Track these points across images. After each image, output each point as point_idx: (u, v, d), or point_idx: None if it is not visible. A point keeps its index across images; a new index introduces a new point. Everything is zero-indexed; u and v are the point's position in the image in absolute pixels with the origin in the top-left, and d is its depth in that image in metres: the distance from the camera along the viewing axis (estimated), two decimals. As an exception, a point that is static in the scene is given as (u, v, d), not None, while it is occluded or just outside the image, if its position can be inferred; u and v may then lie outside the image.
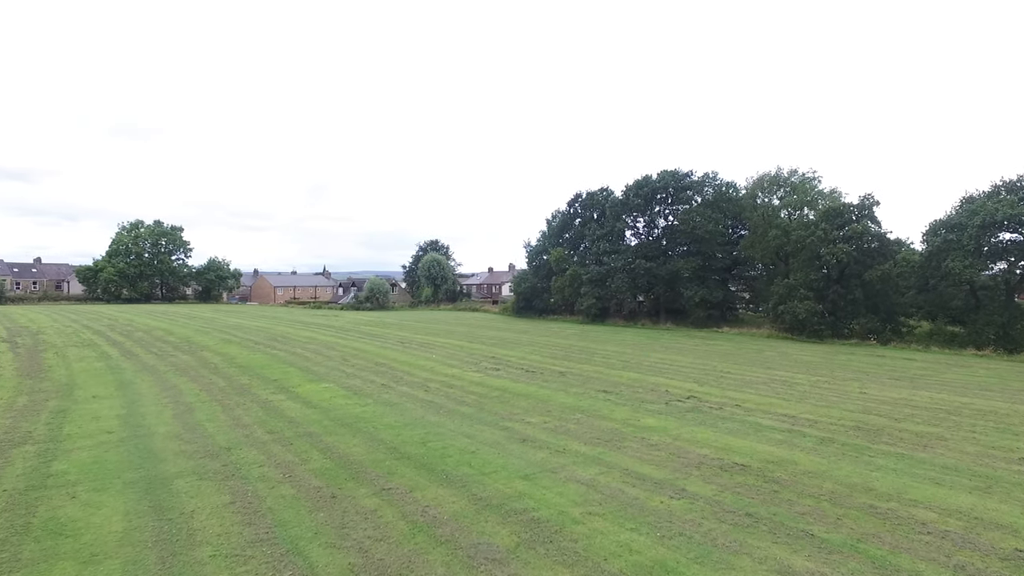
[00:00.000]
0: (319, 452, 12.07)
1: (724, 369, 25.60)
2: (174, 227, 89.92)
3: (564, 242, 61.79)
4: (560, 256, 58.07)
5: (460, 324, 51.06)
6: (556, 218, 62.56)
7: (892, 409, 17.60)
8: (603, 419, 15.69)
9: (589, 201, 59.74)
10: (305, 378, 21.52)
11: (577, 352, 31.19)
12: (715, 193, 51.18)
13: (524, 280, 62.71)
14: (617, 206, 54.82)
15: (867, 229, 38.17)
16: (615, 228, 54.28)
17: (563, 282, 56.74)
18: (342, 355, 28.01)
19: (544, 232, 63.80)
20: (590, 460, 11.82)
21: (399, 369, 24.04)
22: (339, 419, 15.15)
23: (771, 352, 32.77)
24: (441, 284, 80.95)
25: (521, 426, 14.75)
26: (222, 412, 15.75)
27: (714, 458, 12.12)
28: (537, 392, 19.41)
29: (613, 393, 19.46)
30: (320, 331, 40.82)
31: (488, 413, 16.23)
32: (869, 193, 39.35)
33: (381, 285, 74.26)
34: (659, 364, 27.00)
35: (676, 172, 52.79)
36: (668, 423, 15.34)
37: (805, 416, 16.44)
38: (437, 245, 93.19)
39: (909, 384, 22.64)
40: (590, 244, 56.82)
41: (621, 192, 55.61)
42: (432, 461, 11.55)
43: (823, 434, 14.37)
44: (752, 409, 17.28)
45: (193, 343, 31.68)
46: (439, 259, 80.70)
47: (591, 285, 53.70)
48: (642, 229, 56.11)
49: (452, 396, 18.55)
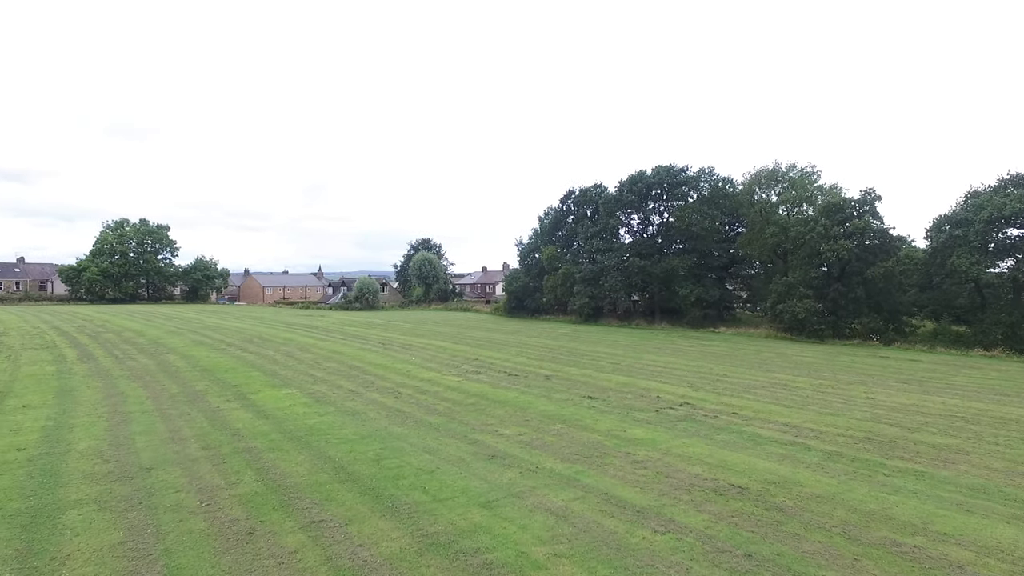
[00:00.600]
0: (253, 473, 10.48)
1: (720, 372, 24.07)
2: (160, 226, 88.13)
3: (557, 240, 60.27)
4: (552, 254, 56.53)
5: (448, 324, 49.48)
6: (548, 215, 61.00)
7: (903, 417, 16.09)
8: (586, 430, 14.14)
9: (582, 198, 58.20)
10: (268, 383, 19.91)
11: (566, 354, 29.63)
12: (711, 189, 49.69)
13: (516, 279, 61.14)
14: (610, 203, 53.29)
15: (869, 225, 36.71)
16: (608, 225, 52.74)
17: (555, 281, 55.19)
18: (316, 357, 26.41)
19: (536, 230, 62.25)
20: (565, 481, 10.27)
21: (373, 373, 22.46)
22: (290, 432, 13.56)
23: (769, 353, 31.26)
24: (432, 284, 79.27)
25: (493, 439, 13.19)
26: (161, 423, 14.15)
27: (707, 478, 10.58)
28: (517, 399, 17.85)
29: (600, 400, 17.91)
30: (301, 332, 39.19)
31: (459, 423, 14.66)
32: (871, 188, 38.00)
33: (371, 285, 72.55)
34: (651, 367, 25.46)
35: (671, 167, 51.29)
36: (658, 434, 13.80)
37: (808, 426, 14.92)
38: (429, 244, 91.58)
39: (918, 388, 21.14)
40: (583, 242, 55.28)
41: (615, 188, 54.12)
42: (381, 484, 9.98)
43: (830, 447, 12.84)
44: (750, 417, 15.75)
45: (161, 345, 30.04)
46: (430, 258, 79.01)
47: (584, 284, 52.17)
48: (636, 226, 54.61)
49: (423, 403, 16.98)
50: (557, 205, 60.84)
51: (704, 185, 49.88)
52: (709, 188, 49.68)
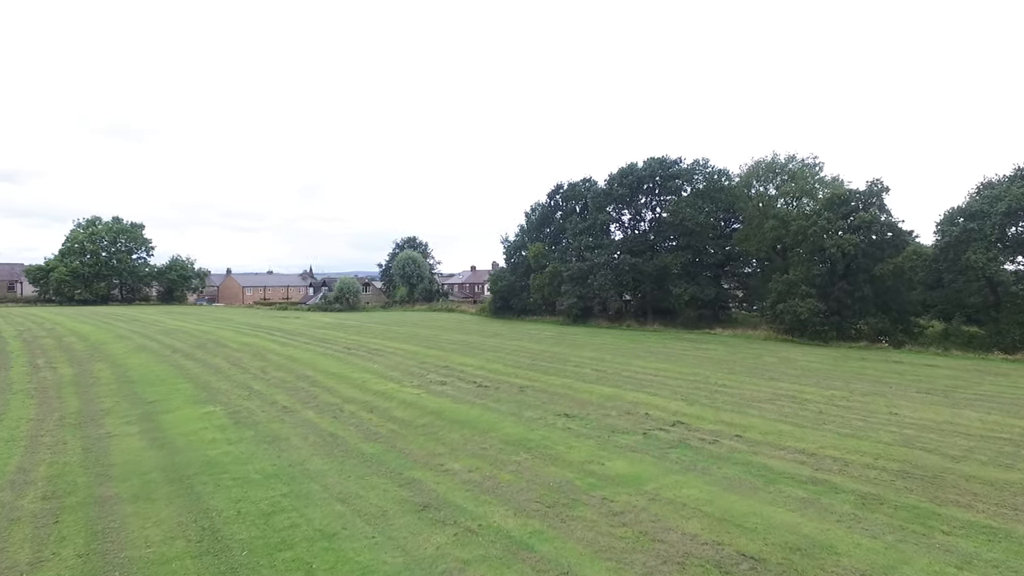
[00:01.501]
0: (82, 541, 7.62)
1: (718, 381, 21.32)
2: (134, 224, 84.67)
3: (544, 237, 57.47)
4: (539, 251, 53.74)
5: (428, 326, 46.60)
6: (536, 211, 58.21)
7: (940, 440, 13.38)
8: (555, 462, 11.35)
9: (571, 192, 55.45)
10: (191, 399, 17.02)
11: (547, 360, 26.84)
12: (706, 182, 47.02)
13: (501, 278, 58.29)
14: (600, 197, 50.54)
15: (876, 218, 34.11)
16: (598, 221, 49.98)
17: (542, 280, 52.40)
18: (265, 366, 23.51)
19: (523, 226, 59.43)
20: (512, 550, 7.47)
21: (321, 385, 19.58)
22: (177, 469, 10.69)
23: (771, 358, 28.56)
24: (417, 283, 76.26)
25: (435, 478, 10.37)
26: (19, 456, 11.26)
27: (708, 541, 7.80)
28: (479, 418, 15.04)
29: (578, 418, 15.12)
30: (264, 335, 36.23)
31: (399, 454, 11.84)
32: (878, 178, 35.36)
33: (351, 284, 69.48)
34: (641, 375, 22.70)
35: (664, 159, 48.61)
36: (644, 468, 11.03)
37: (829, 452, 12.18)
38: (415, 242, 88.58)
39: (944, 399, 18.46)
40: (571, 239, 52.52)
41: (604, 182, 51.37)
42: (251, 558, 7.13)
43: (862, 486, 10.10)
44: (757, 442, 13.00)
45: (98, 351, 27.05)
46: (414, 257, 75.96)
47: (572, 283, 49.40)
48: (627, 222, 51.91)
49: (365, 425, 14.15)
50: (544, 200, 58.13)
51: (698, 178, 47.20)
52: (704, 181, 47.02)
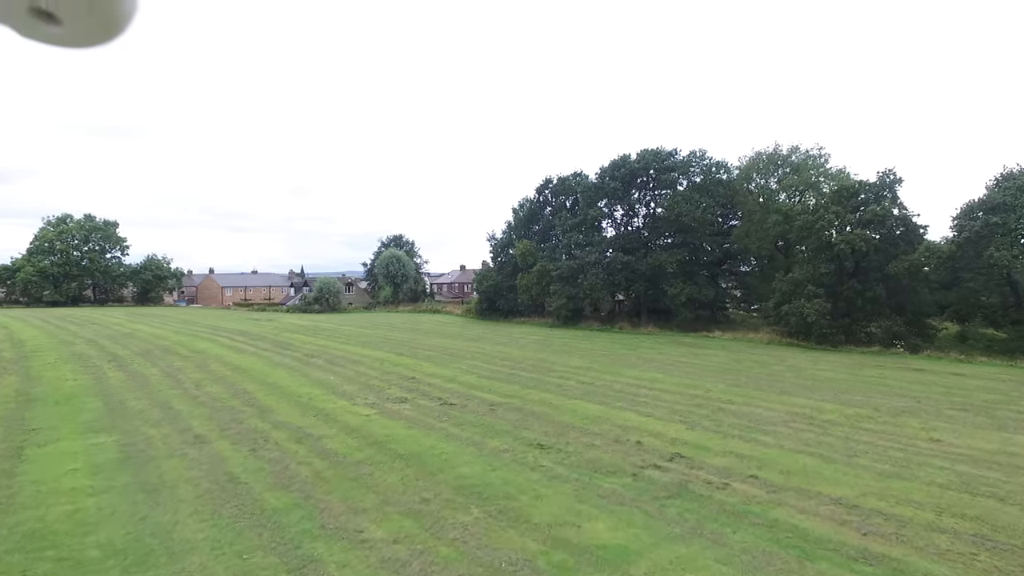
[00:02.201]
0: None
1: (722, 396, 18.51)
2: (108, 221, 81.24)
3: (533, 234, 54.60)
4: (526, 249, 50.82)
5: (406, 329, 43.65)
6: (523, 207, 55.28)
7: (1009, 483, 10.60)
8: (514, 524, 8.49)
9: (560, 187, 52.56)
10: (86, 425, 14.05)
11: (528, 369, 23.98)
12: (703, 175, 44.24)
13: (487, 278, 55.31)
14: (591, 191, 47.68)
15: (888, 212, 31.38)
16: (588, 217, 47.10)
17: (530, 279, 49.51)
18: (203, 378, 20.53)
19: (510, 223, 56.49)
20: None
21: (259, 403, 16.64)
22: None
23: (778, 366, 25.80)
24: (401, 283, 73.10)
25: (342, 555, 7.49)
26: None
27: None
28: (432, 450, 12.15)
29: (554, 450, 12.28)
30: (223, 340, 33.21)
31: (310, 510, 8.94)
32: (890, 168, 32.61)
33: (331, 285, 66.26)
34: (633, 387, 19.88)
35: (658, 151, 45.80)
36: (632, 535, 8.17)
37: (874, 504, 9.39)
38: (401, 241, 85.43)
39: (988, 420, 15.72)
40: (561, 235, 49.62)
41: (595, 175, 48.52)
42: None
43: (935, 567, 7.26)
44: (779, 486, 10.17)
45: (24, 360, 24.01)
46: (398, 255, 72.79)
47: (561, 282, 46.52)
48: (620, 218, 49.07)
49: (285, 463, 11.22)
50: (533, 195, 55.21)
51: (695, 170, 44.41)
52: (701, 174, 44.24)
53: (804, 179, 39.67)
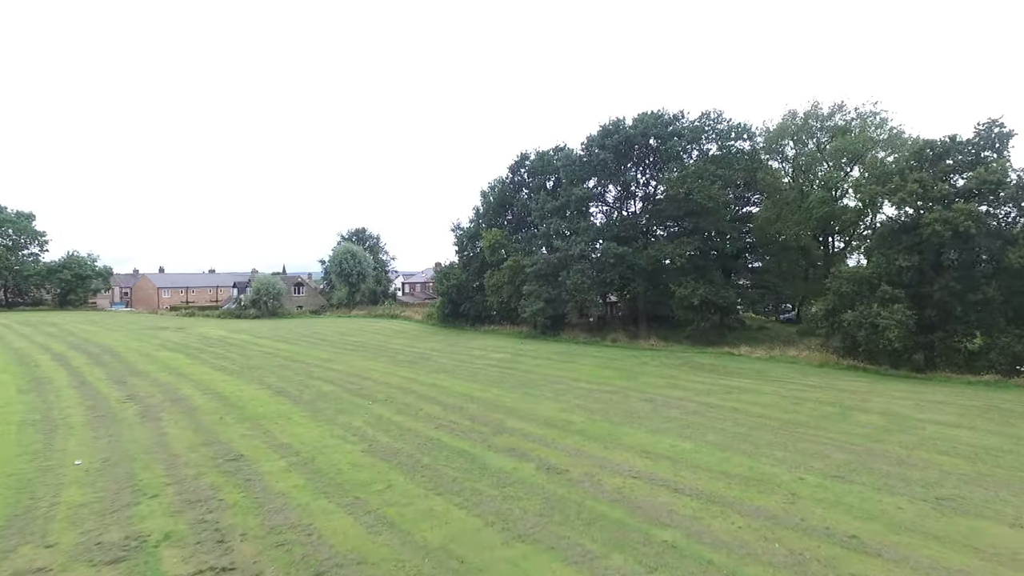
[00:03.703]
0: None
1: (814, 493, 8.42)
2: (21, 213, 69.91)
3: (506, 223, 44.54)
4: (496, 240, 40.77)
5: (332, 343, 33.48)
6: (495, 189, 45.18)
7: None
8: None
9: (539, 164, 42.56)
10: None
11: (464, 430, 13.95)
12: (720, 141, 34.30)
13: (450, 275, 45.12)
14: (575, 167, 37.70)
15: (1003, 177, 21.69)
16: (573, 198, 37.12)
17: (500, 277, 39.52)
18: None
19: (478, 209, 46.37)
20: None
21: None
22: None
23: (871, 415, 15.90)
24: (358, 283, 62.69)
25: None
26: None
27: None
28: None
29: None
30: (55, 363, 22.89)
31: None
32: (994, 119, 22.98)
33: (270, 286, 55.68)
34: (647, 480, 9.86)
35: (660, 115, 35.99)
36: None
37: None
38: (363, 235, 74.90)
39: None
40: (539, 223, 39.62)
41: (581, 146, 38.52)
42: None
43: None
44: None
45: None
46: (354, 251, 62.27)
47: (538, 281, 36.56)
48: (612, 200, 39.24)
49: None
50: (506, 175, 45.11)
51: (709, 136, 34.45)
52: (717, 140, 34.29)
53: (853, 145, 29.92)
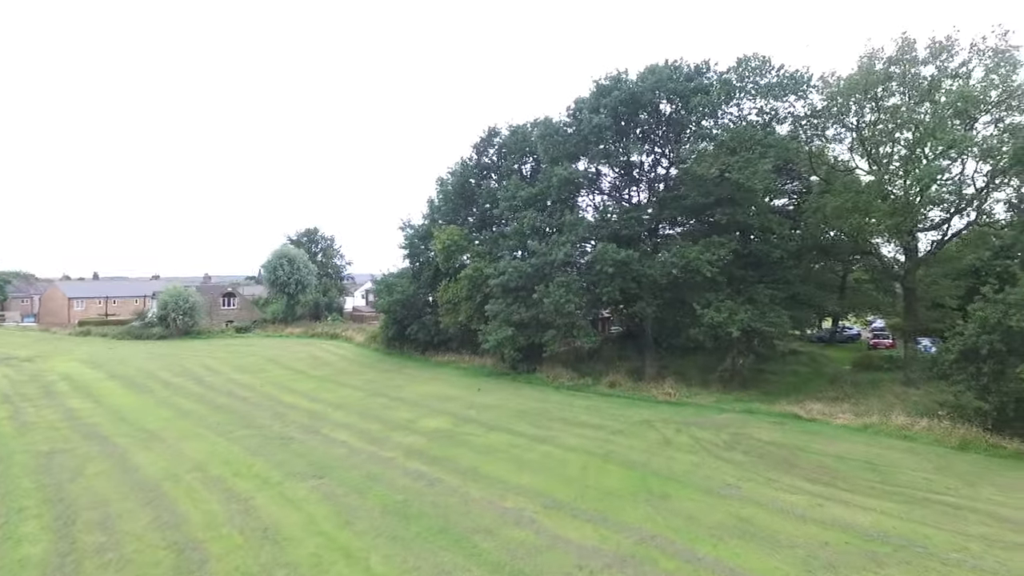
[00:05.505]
0: None
1: None
2: None
3: (471, 221, 33.90)
4: (452, 241, 30.13)
5: (215, 390, 22.70)
6: (455, 175, 34.62)
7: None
8: None
9: (513, 142, 32.21)
10: None
11: None
12: (767, 96, 23.88)
13: (394, 287, 34.33)
14: (559, 140, 27.25)
15: None
16: (555, 181, 26.73)
17: (456, 291, 29.06)
18: None
19: (432, 201, 35.77)
20: None
21: None
22: None
23: None
24: (297, 294, 51.73)
25: None
26: None
27: None
28: None
29: None
30: None
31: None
32: None
33: (181, 298, 44.45)
34: None
35: (676, 66, 25.77)
36: None
37: None
38: (315, 236, 63.69)
39: None
40: (509, 216, 29.14)
41: (567, 114, 28.12)
42: None
43: None
44: None
45: None
46: (292, 256, 51.09)
47: (506, 298, 26.10)
48: (608, 184, 28.86)
49: None
50: (470, 157, 34.54)
51: (749, 91, 24.04)
52: (763, 95, 23.85)
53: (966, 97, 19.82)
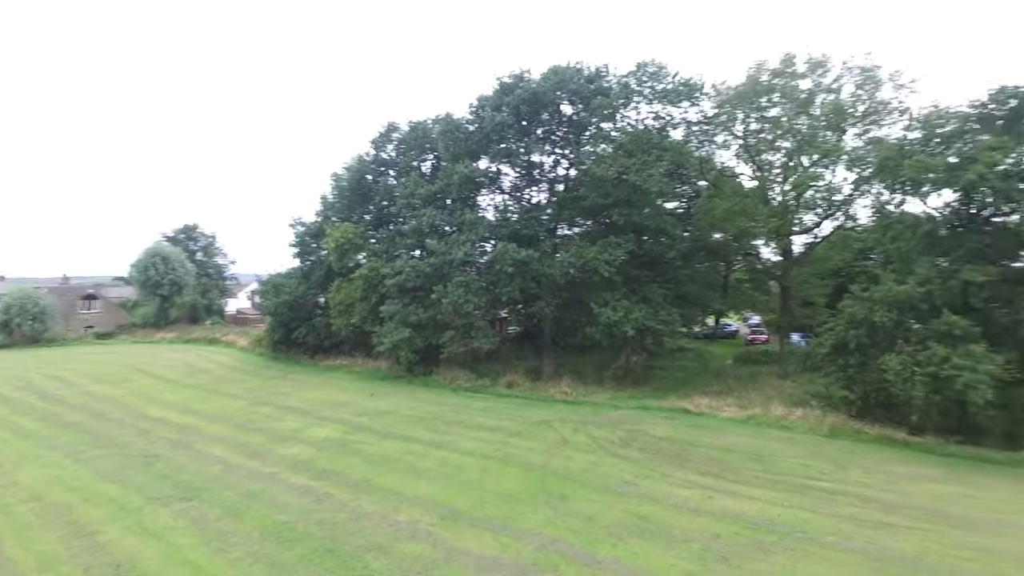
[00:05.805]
0: None
1: None
2: None
3: (368, 219, 32.26)
4: (346, 239, 28.44)
5: (73, 400, 19.58)
6: (351, 171, 32.84)
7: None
8: None
9: (412, 138, 31.05)
10: None
11: None
12: (661, 104, 24.70)
13: (282, 288, 31.94)
14: (460, 137, 26.59)
15: None
16: (455, 179, 26.01)
17: (349, 292, 27.39)
18: None
19: (326, 198, 33.74)
20: None
21: None
22: None
23: None
24: (171, 295, 46.97)
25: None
26: None
27: None
28: None
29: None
30: None
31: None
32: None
33: (28, 301, 38.56)
34: None
35: (577, 69, 26.01)
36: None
37: None
38: (193, 233, 58.15)
39: None
40: (408, 214, 27.97)
41: (469, 111, 27.54)
42: None
43: None
44: None
45: None
46: (166, 254, 46.21)
47: (402, 297, 24.93)
48: (509, 184, 28.59)
49: None
50: (368, 153, 32.95)
51: (646, 94, 24.74)
52: (658, 99, 24.59)
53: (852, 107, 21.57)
